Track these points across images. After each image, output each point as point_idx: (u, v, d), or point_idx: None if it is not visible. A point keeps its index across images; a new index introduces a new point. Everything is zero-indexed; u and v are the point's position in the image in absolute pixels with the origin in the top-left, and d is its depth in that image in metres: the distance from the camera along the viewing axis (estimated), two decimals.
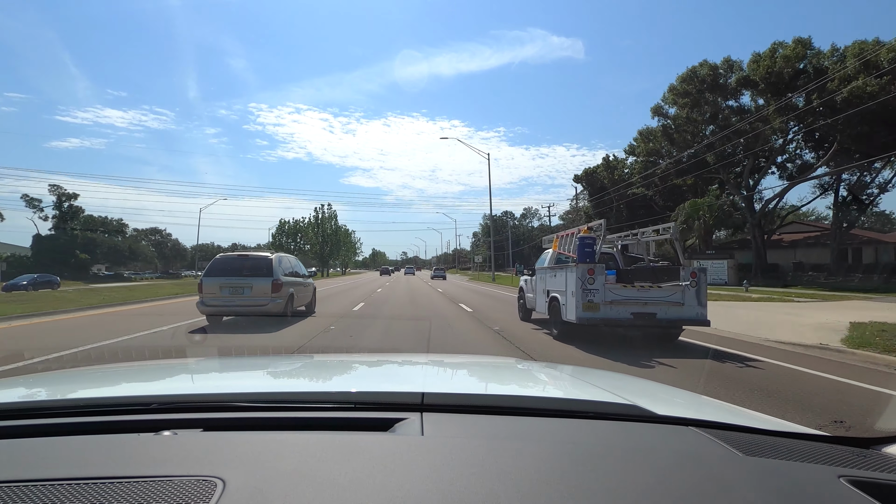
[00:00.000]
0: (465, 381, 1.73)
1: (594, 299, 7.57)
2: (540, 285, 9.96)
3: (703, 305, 7.64)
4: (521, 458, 0.82)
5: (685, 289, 7.65)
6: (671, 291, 7.68)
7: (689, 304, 7.61)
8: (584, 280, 7.61)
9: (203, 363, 2.28)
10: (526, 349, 7.45)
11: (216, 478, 0.74)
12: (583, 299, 7.56)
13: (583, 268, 7.70)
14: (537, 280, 10.22)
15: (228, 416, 1.06)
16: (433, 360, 2.06)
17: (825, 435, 1.05)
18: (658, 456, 0.88)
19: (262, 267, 10.55)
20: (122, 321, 11.13)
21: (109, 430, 1.00)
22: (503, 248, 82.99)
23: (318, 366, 1.95)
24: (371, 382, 1.66)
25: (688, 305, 7.61)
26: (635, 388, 1.60)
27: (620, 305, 7.59)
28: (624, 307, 7.59)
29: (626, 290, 7.71)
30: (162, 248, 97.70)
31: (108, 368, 2.07)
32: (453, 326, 10.17)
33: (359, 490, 0.71)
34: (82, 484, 0.73)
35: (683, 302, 7.61)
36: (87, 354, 6.77)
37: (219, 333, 8.88)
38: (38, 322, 11.15)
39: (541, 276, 10.00)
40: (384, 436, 0.95)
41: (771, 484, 0.77)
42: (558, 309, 8.45)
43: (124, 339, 8.28)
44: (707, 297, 7.86)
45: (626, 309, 7.58)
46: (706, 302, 7.73)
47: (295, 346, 7.37)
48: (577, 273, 7.67)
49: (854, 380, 5.65)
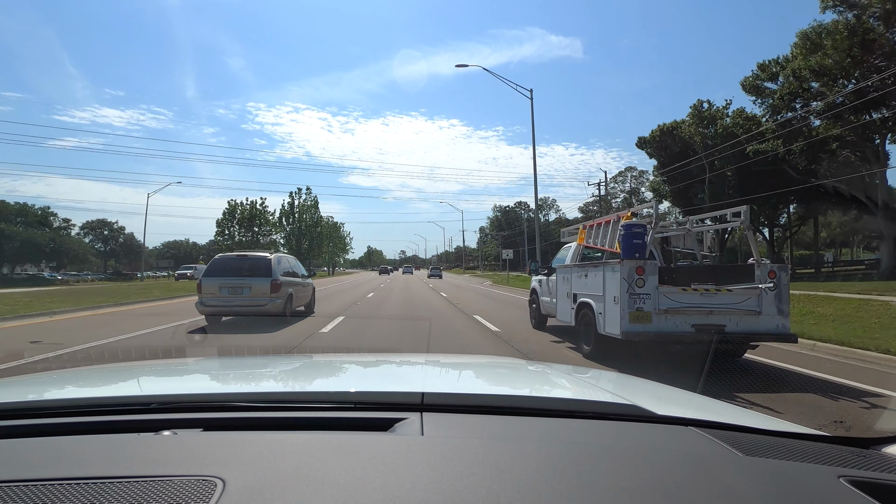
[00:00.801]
0: (465, 380, 1.73)
1: (644, 307, 5.91)
2: (561, 287, 8.22)
3: (784, 314, 6.05)
4: (521, 458, 0.82)
5: (762, 293, 6.00)
6: (744, 296, 6.03)
7: (767, 313, 5.97)
8: (631, 282, 5.95)
9: (202, 363, 2.28)
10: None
11: (216, 478, 0.74)
12: (630, 307, 5.91)
13: (630, 266, 6.05)
14: (557, 281, 8.45)
15: (228, 416, 1.06)
16: (433, 360, 2.06)
17: (825, 435, 1.05)
18: (658, 456, 0.88)
19: (261, 267, 10.57)
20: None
21: (109, 429, 1.00)
22: (515, 243, 74.15)
23: (317, 366, 1.95)
24: (371, 382, 1.66)
25: (766, 314, 5.97)
26: (635, 387, 1.61)
27: (679, 315, 5.94)
28: (683, 317, 5.94)
29: (687, 296, 6.02)
30: (112, 244, 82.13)
31: (108, 368, 2.07)
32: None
33: (359, 490, 0.71)
34: (82, 484, 0.73)
35: (760, 310, 5.98)
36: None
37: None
38: None
39: (563, 277, 8.20)
40: (384, 436, 0.95)
41: (771, 484, 0.77)
42: (591, 319, 6.82)
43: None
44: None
45: (685, 319, 5.94)
46: (788, 310, 6.13)
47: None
48: (621, 272, 6.01)
49: None
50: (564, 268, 8.28)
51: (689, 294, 6.05)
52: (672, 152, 35.92)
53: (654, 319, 5.91)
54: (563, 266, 8.44)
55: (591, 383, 1.55)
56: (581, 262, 8.03)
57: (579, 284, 7.39)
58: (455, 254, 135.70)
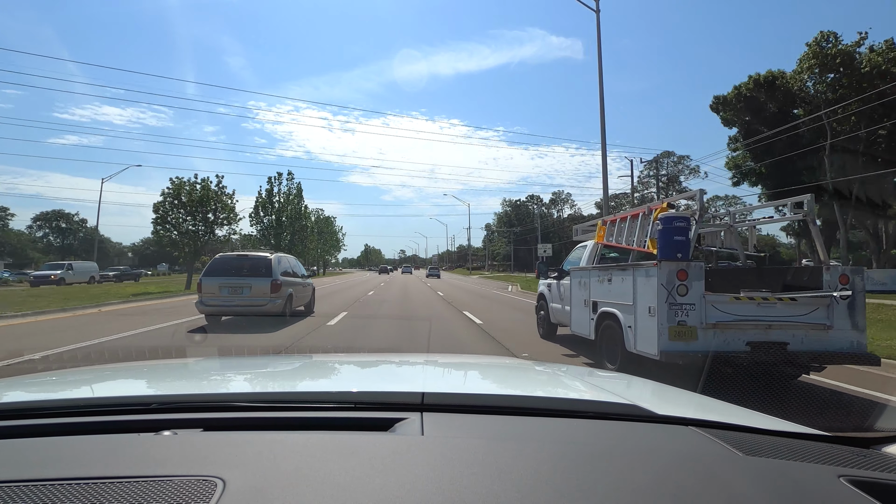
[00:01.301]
0: (465, 380, 1.73)
1: (688, 320, 4.78)
2: (577, 293, 7.08)
3: (860, 329, 4.86)
4: (521, 458, 0.82)
5: (833, 302, 4.85)
6: (810, 307, 4.88)
7: (839, 328, 4.83)
8: (671, 289, 4.81)
9: (202, 363, 2.28)
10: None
11: (216, 478, 0.74)
12: (670, 320, 4.78)
13: (670, 269, 4.86)
14: (572, 285, 7.30)
15: (228, 416, 1.07)
16: (433, 360, 2.06)
17: (825, 435, 1.05)
18: (658, 456, 0.88)
19: (261, 267, 10.60)
20: None
21: (109, 429, 1.00)
22: (525, 241, 65.56)
23: (317, 366, 1.95)
24: (371, 382, 1.66)
25: (837, 329, 4.82)
26: (635, 387, 1.61)
27: (730, 330, 4.81)
28: (736, 333, 4.81)
29: (740, 306, 4.87)
30: (71, 239, 69.50)
31: (108, 368, 2.07)
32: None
33: (359, 490, 0.71)
34: (82, 484, 0.73)
35: (831, 323, 4.83)
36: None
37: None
38: None
39: (579, 281, 7.03)
40: (384, 436, 0.95)
41: (771, 484, 0.77)
42: (616, 333, 5.70)
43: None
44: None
45: (738, 336, 4.81)
46: (865, 323, 4.91)
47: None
48: (658, 277, 4.87)
49: None
50: (580, 271, 7.13)
51: (742, 304, 4.88)
52: (764, 115, 27.16)
53: (700, 336, 4.77)
54: (578, 269, 7.29)
55: (591, 383, 1.55)
56: (602, 265, 6.91)
57: (600, 291, 6.26)
58: (457, 253, 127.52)
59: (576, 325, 7.16)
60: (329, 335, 8.78)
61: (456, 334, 9.27)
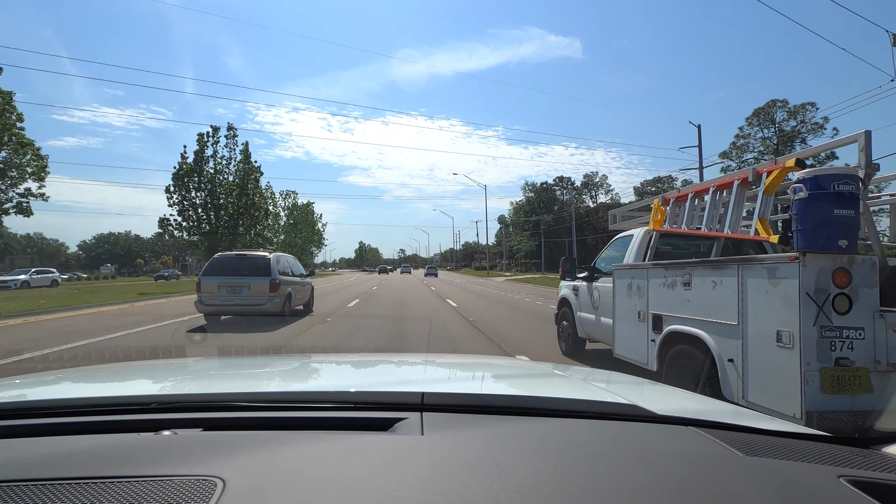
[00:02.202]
0: (465, 380, 1.73)
1: (853, 357, 2.84)
2: (625, 301, 5.13)
3: None
4: (521, 458, 0.82)
5: None
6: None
7: None
8: (824, 301, 2.87)
9: (202, 363, 2.28)
10: None
11: (216, 477, 0.74)
12: (822, 357, 2.84)
13: (821, 266, 2.91)
14: (615, 290, 5.35)
15: (228, 416, 1.06)
16: (433, 360, 2.06)
17: (825, 435, 1.05)
18: (658, 456, 0.88)
19: (259, 266, 10.61)
20: None
21: (109, 429, 1.00)
22: (556, 233, 49.78)
23: (317, 365, 1.95)
24: (371, 382, 1.66)
25: None
26: (635, 387, 1.61)
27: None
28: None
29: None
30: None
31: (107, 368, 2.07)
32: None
33: (358, 490, 0.71)
34: (82, 484, 0.73)
35: None
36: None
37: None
38: None
39: (628, 283, 5.05)
40: (384, 436, 0.95)
41: (771, 484, 0.77)
42: (706, 371, 3.66)
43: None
44: None
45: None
46: None
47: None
48: (801, 280, 2.90)
49: None
50: (630, 269, 5.11)
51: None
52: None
53: (874, 384, 2.82)
54: (627, 267, 5.26)
55: (591, 383, 1.55)
56: (660, 263, 4.63)
57: (668, 299, 4.30)
58: (463, 251, 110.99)
59: (622, 347, 5.21)
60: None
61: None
